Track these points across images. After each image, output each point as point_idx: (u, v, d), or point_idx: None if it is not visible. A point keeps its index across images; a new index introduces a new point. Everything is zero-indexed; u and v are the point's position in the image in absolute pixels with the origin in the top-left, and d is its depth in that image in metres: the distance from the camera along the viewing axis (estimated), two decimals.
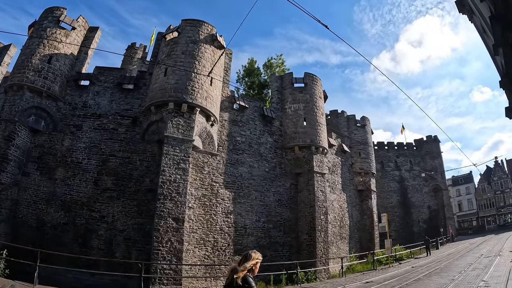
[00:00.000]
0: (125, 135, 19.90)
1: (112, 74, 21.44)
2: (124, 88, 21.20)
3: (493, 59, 10.91)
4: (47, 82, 19.27)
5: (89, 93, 20.62)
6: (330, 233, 27.25)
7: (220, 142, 22.17)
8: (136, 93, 21.18)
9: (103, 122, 19.99)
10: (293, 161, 25.24)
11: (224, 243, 20.34)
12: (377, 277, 20.48)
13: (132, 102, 20.91)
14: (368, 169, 34.57)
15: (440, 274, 18.82)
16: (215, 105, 21.02)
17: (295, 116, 25.75)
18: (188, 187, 18.65)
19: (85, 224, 17.57)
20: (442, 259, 26.64)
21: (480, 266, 19.42)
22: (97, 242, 17.37)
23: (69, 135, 19.43)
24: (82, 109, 20.16)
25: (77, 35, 21.78)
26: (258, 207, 22.70)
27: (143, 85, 21.38)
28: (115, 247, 17.39)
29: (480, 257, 24.11)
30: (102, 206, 18.08)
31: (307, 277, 20.99)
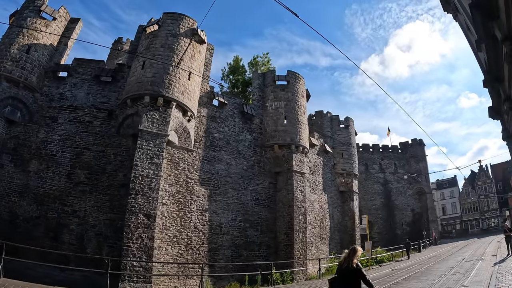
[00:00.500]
0: (100, 128, 19.31)
1: (90, 66, 20.83)
2: (102, 80, 20.58)
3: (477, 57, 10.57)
4: (24, 73, 18.62)
5: (67, 85, 19.98)
6: (310, 234, 26.87)
7: (197, 138, 21.63)
8: (113, 86, 20.57)
9: (79, 114, 19.37)
10: (272, 159, 24.77)
11: (198, 242, 19.79)
12: None
13: (109, 95, 20.32)
14: (350, 170, 34.18)
15: (419, 278, 18.38)
16: (192, 100, 20.47)
17: (275, 114, 25.30)
18: (162, 183, 18.24)
19: (57, 218, 16.97)
20: (423, 262, 26.26)
21: (461, 270, 19.02)
22: (69, 237, 16.78)
23: (45, 127, 18.79)
24: (58, 101, 19.53)
25: (58, 26, 21.14)
26: (235, 205, 22.21)
27: (121, 78, 20.79)
28: (87, 242, 16.84)
29: (461, 261, 23.76)
30: (75, 200, 17.49)
31: (283, 278, 20.53)
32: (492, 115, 11.41)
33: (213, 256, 20.27)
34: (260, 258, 22.01)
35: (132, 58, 21.29)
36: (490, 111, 11.45)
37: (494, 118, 11.58)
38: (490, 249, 29.78)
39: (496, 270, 16.59)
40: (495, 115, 11.34)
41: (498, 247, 28.77)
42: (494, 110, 11.20)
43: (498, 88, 9.17)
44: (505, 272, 15.55)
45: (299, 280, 21.79)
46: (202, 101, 22.58)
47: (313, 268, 24.32)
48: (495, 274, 15.60)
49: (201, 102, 22.40)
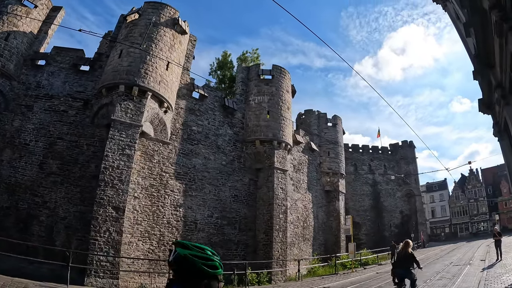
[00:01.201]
0: (74, 118, 18.55)
1: (69, 55, 20.04)
2: (80, 69, 19.91)
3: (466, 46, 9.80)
4: (2, 60, 17.77)
5: (44, 73, 19.23)
6: (292, 234, 26.09)
7: (174, 131, 20.78)
8: (90, 75, 19.84)
9: (54, 103, 18.61)
10: (253, 155, 23.90)
11: (171, 238, 18.90)
12: (335, 283, 19.24)
13: (86, 84, 19.57)
14: (336, 170, 33.32)
15: None
16: (169, 91, 19.69)
17: (258, 108, 24.44)
18: (135, 176, 17.78)
19: (27, 209, 16.27)
20: None
21: (448, 275, 18.17)
22: (38, 229, 16.11)
23: (20, 115, 18.03)
24: (35, 89, 18.77)
25: (39, 14, 20.34)
26: (212, 201, 21.33)
27: (98, 67, 20.02)
28: (56, 234, 16.10)
29: (449, 265, 22.95)
30: (46, 191, 16.77)
31: (259, 279, 19.64)
32: (483, 109, 10.69)
33: None
34: (237, 257, 21.22)
35: (112, 48, 20.43)
36: (480, 105, 10.71)
37: (484, 112, 10.88)
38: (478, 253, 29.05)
39: (484, 276, 15.67)
40: (485, 109, 10.65)
41: (487, 251, 27.86)
42: (484, 104, 10.49)
43: (489, 76, 8.45)
44: (493, 279, 14.63)
45: (278, 281, 21.03)
46: (182, 93, 21.79)
47: (295, 269, 23.41)
48: (483, 280, 14.70)
49: (180, 94, 21.65)
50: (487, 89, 9.60)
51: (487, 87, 9.40)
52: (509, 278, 14.02)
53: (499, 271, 16.72)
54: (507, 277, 14.41)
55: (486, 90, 9.76)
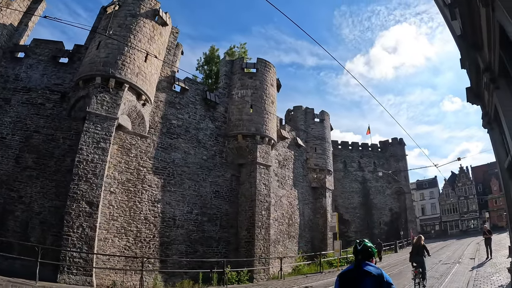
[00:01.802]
0: (51, 111, 17.89)
1: (48, 47, 19.35)
2: (59, 62, 19.26)
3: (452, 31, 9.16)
4: None
5: (23, 66, 18.59)
6: (277, 231, 25.53)
7: (153, 124, 20.11)
8: (69, 68, 19.15)
9: (32, 96, 17.96)
10: (235, 150, 23.23)
11: (149, 234, 18.28)
12: (319, 282, 18.59)
13: (64, 76, 18.88)
14: (323, 166, 32.69)
15: None
16: (148, 83, 19.00)
17: (241, 102, 23.76)
18: (111, 170, 17.31)
19: (3, 204, 15.66)
20: (397, 264, 25.05)
21: (436, 275, 17.55)
22: (13, 224, 15.50)
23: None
24: (13, 82, 18.08)
25: (20, 5, 19.64)
26: (191, 197, 20.64)
27: (77, 59, 19.33)
28: (31, 230, 15.53)
29: (437, 264, 22.40)
30: (21, 186, 16.16)
31: (239, 277, 19.01)
32: (471, 98, 10.09)
33: (165, 250, 18.77)
34: (218, 255, 20.60)
35: (90, 40, 19.88)
36: (468, 94, 10.11)
37: (473, 102, 10.29)
38: (468, 251, 28.64)
39: (473, 276, 15.14)
40: (474, 99, 10.05)
41: (476, 249, 27.47)
42: (473, 92, 9.89)
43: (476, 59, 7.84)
44: (483, 279, 14.08)
45: (260, 279, 20.40)
46: (162, 85, 21.16)
47: (278, 267, 22.78)
48: (472, 280, 14.17)
49: (160, 86, 21.02)
50: (475, 76, 9.05)
51: (475, 74, 8.86)
52: (500, 278, 13.44)
53: (489, 270, 16.20)
54: (498, 277, 13.83)
55: (474, 77, 9.20)
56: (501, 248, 24.45)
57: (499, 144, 9.35)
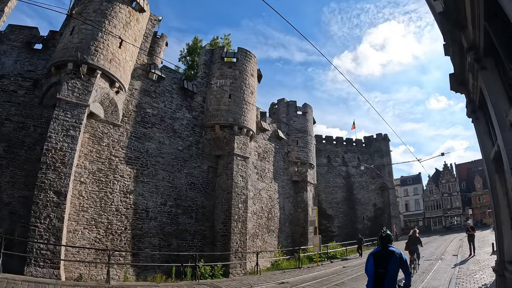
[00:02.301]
0: (23, 98, 17.09)
1: (23, 33, 18.46)
2: (33, 48, 18.42)
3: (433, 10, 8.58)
4: None
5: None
6: (255, 225, 25.03)
7: (126, 113, 19.34)
8: (43, 54, 18.30)
9: (4, 83, 17.07)
10: (212, 141, 22.55)
11: (120, 226, 17.58)
12: (296, 278, 18.05)
13: (37, 63, 18.05)
14: (305, 159, 32.15)
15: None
16: (122, 70, 18.20)
17: (219, 92, 23.05)
18: (82, 159, 16.63)
19: None
20: None
21: (418, 271, 17.19)
22: None
23: None
24: None
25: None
26: (165, 188, 19.94)
27: (52, 45, 18.47)
28: (0, 221, 14.78)
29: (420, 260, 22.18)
30: None
31: (214, 272, 18.39)
32: (455, 85, 9.50)
33: (137, 243, 18.06)
34: (194, 249, 19.92)
35: (65, 26, 19.03)
36: (452, 81, 9.50)
37: (457, 90, 9.70)
38: (451, 247, 28.41)
39: (456, 273, 14.72)
40: (458, 86, 9.46)
41: (459, 246, 27.31)
42: (457, 79, 9.30)
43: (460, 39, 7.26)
44: (466, 277, 13.62)
45: (236, 274, 19.85)
46: (137, 73, 20.37)
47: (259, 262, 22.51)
48: (454, 278, 13.73)
49: (136, 74, 20.23)
50: (459, 61, 8.47)
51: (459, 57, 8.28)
52: (483, 277, 12.96)
53: (472, 267, 15.82)
54: (481, 275, 13.37)
55: (458, 62, 8.62)
56: (484, 245, 24.21)
57: (485, 134, 8.85)
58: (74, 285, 13.29)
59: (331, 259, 27.15)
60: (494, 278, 10.93)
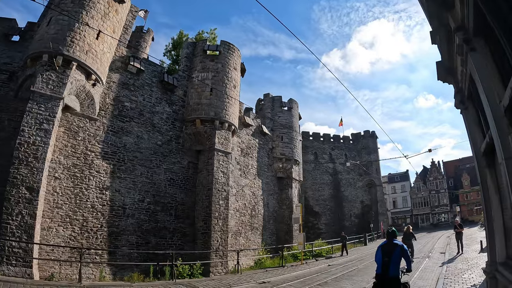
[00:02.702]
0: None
1: (1, 25, 17.85)
2: (11, 40, 17.79)
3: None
4: None
5: None
6: (238, 222, 24.54)
7: (103, 106, 18.61)
8: (20, 46, 17.62)
9: None
10: (193, 136, 21.90)
11: (96, 224, 16.88)
12: (278, 277, 17.46)
13: (14, 55, 17.35)
14: (290, 155, 31.60)
15: (353, 278, 15.79)
16: (99, 62, 17.51)
17: (201, 86, 22.41)
18: (57, 154, 15.99)
19: None
20: (365, 258, 24.16)
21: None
22: None
23: None
24: None
25: None
26: (144, 185, 19.25)
27: (30, 37, 17.75)
28: None
29: None
30: None
31: (192, 271, 17.78)
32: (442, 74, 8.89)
33: (114, 241, 17.35)
34: (173, 247, 19.32)
35: (43, 17, 18.36)
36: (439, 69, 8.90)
37: (444, 80, 9.10)
38: (438, 245, 28.12)
39: (443, 273, 14.19)
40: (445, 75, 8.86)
41: (447, 243, 26.99)
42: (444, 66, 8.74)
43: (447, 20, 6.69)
44: (453, 276, 13.09)
45: (217, 273, 19.22)
46: (115, 65, 19.65)
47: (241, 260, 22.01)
48: (442, 277, 13.18)
49: (114, 67, 19.52)
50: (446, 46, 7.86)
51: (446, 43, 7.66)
52: (472, 276, 12.41)
53: (460, 266, 15.28)
54: (469, 275, 12.82)
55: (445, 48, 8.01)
56: (472, 242, 23.91)
57: (474, 125, 8.24)
58: (45, 285, 12.72)
59: (317, 257, 26.65)
60: (483, 279, 10.54)
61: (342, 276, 16.66)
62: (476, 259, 16.07)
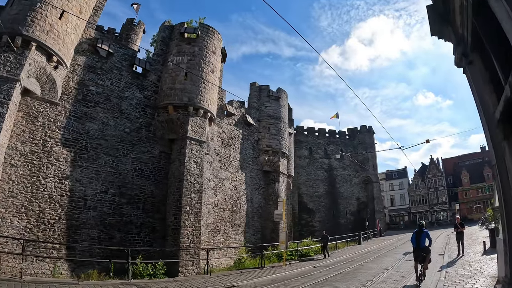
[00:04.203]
0: None
1: None
2: None
3: None
4: None
5: None
6: (217, 218, 23.12)
7: (66, 90, 17.10)
8: None
9: None
10: (166, 123, 20.25)
11: (54, 215, 15.42)
12: (251, 281, 15.67)
13: None
14: (277, 147, 29.84)
15: (334, 285, 13.81)
16: (62, 43, 16.04)
17: (175, 70, 20.77)
18: (14, 140, 14.88)
19: None
20: (356, 259, 22.38)
21: (396, 276, 14.73)
22: None
23: None
24: None
25: None
26: (108, 175, 17.69)
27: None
28: None
29: (401, 260, 19.83)
30: None
31: (155, 271, 16.09)
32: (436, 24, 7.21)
33: (73, 235, 15.85)
34: (140, 243, 17.92)
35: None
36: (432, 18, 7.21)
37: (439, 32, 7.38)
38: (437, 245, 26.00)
39: (442, 279, 12.30)
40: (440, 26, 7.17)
41: (446, 243, 24.97)
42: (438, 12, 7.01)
43: None
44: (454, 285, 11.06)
45: (188, 274, 17.52)
46: (82, 48, 18.16)
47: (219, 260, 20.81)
48: (441, 285, 11.31)
49: (80, 49, 18.04)
50: None
51: None
52: (477, 287, 10.34)
53: (461, 272, 13.31)
54: (473, 284, 10.72)
55: None
56: (473, 242, 22.20)
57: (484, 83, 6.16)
58: None
59: (303, 257, 24.63)
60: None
61: (324, 281, 14.66)
62: (479, 263, 14.38)
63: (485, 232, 27.60)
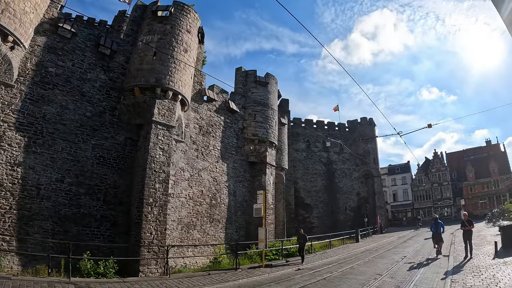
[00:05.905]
0: None
1: None
2: None
3: None
4: None
5: None
6: (192, 212, 21.67)
7: (23, 72, 15.80)
8: None
9: None
10: (132, 107, 18.64)
11: (5, 205, 14.20)
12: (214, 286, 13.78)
13: None
14: (264, 136, 27.97)
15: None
16: (18, 23, 14.74)
17: (144, 50, 19.14)
18: None
19: None
20: (348, 260, 20.29)
21: (390, 284, 12.41)
22: None
23: None
24: None
25: None
26: (64, 162, 16.24)
27: None
28: None
29: (399, 262, 17.41)
30: None
31: (105, 270, 14.29)
32: None
33: (25, 227, 14.56)
34: (100, 238, 16.48)
35: None
36: None
37: None
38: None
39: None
40: None
41: (451, 242, 22.31)
42: None
43: None
44: None
45: (150, 274, 15.84)
46: (43, 28, 16.87)
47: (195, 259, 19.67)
48: None
49: (41, 29, 16.76)
50: None
51: None
52: None
53: (471, 281, 10.68)
54: None
55: None
56: (481, 242, 20.13)
57: None
58: None
59: (290, 257, 22.49)
60: None
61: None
62: (491, 269, 11.94)
63: (493, 229, 25.71)
